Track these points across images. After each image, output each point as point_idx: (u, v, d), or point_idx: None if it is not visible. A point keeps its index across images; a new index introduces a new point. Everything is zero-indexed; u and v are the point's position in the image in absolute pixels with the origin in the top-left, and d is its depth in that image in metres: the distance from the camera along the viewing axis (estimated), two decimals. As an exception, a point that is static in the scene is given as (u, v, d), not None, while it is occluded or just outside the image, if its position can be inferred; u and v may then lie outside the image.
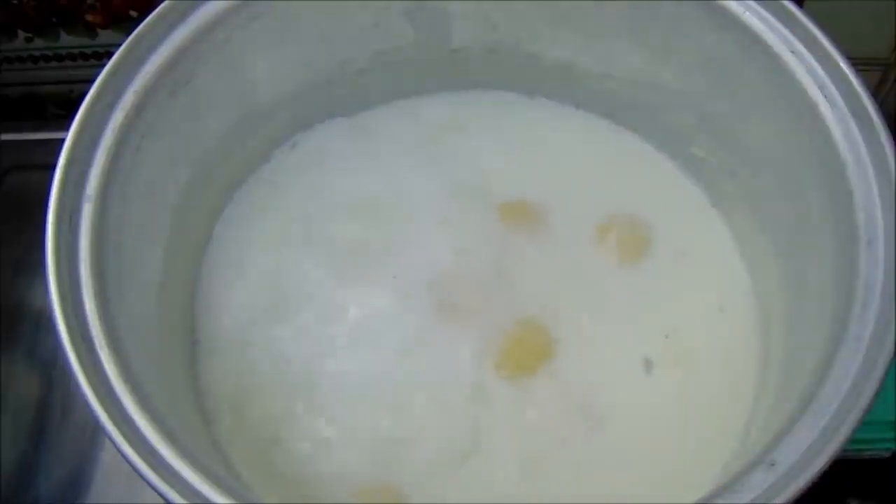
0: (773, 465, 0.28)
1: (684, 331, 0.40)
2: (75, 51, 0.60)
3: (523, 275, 0.41)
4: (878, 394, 0.29)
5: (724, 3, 0.35)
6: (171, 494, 0.28)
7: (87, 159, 0.33)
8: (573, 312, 0.40)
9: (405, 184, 0.43)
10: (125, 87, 0.35)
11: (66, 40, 0.60)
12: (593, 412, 0.38)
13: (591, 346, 0.39)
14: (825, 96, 0.33)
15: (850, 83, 0.33)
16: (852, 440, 0.28)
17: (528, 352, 0.39)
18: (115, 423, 0.29)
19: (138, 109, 0.35)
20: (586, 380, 0.39)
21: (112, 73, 0.34)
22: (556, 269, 0.41)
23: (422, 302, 0.40)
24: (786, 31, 0.34)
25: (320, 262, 0.41)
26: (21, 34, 0.60)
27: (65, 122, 0.33)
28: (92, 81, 0.34)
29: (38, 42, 0.60)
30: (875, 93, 0.52)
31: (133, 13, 0.58)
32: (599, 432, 0.38)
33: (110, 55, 0.35)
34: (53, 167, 0.33)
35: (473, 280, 0.41)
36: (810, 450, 0.28)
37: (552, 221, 0.42)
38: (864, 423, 0.28)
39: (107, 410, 0.29)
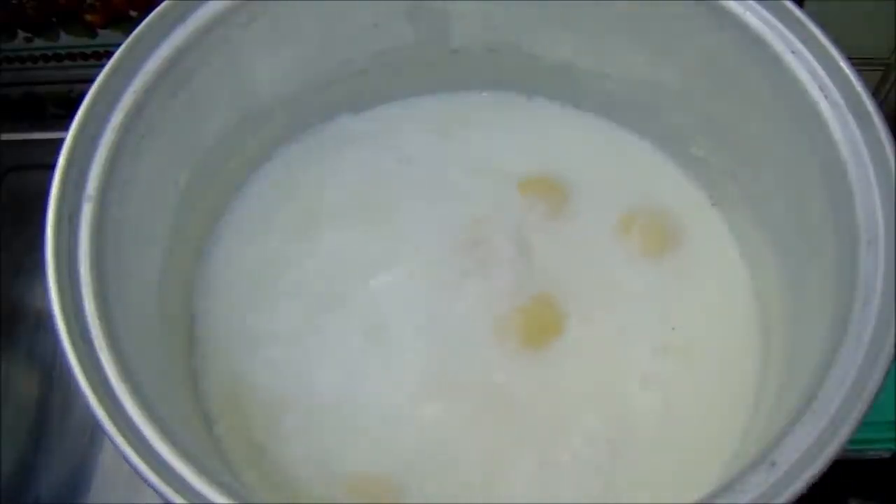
0: (773, 465, 0.28)
1: (684, 329, 0.40)
2: (75, 51, 0.60)
3: (541, 249, 0.41)
4: (878, 394, 0.29)
5: (724, 3, 0.35)
6: (171, 494, 0.28)
7: (87, 159, 0.33)
8: (584, 291, 0.40)
9: (416, 169, 0.43)
10: (125, 87, 0.35)
11: (66, 40, 0.60)
12: (596, 399, 0.38)
13: (597, 329, 0.40)
14: (825, 96, 0.33)
15: (850, 83, 0.33)
16: (853, 440, 0.28)
17: (538, 326, 0.39)
18: (115, 423, 0.29)
19: (138, 109, 0.35)
20: (590, 364, 0.39)
21: (112, 73, 0.34)
22: (572, 249, 0.41)
23: (442, 270, 0.41)
24: (786, 31, 0.34)
25: (325, 259, 0.41)
26: (21, 34, 0.60)
27: (65, 122, 0.33)
28: (92, 81, 0.34)
29: (38, 42, 0.60)
30: (875, 93, 0.52)
31: (133, 13, 0.58)
32: (599, 422, 0.38)
33: (110, 55, 0.35)
34: (53, 167, 0.33)
35: (494, 250, 0.41)
36: (810, 450, 0.28)
37: (567, 207, 0.43)
38: (865, 423, 0.28)
39: (107, 410, 0.29)
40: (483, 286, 0.40)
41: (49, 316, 0.31)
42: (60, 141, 0.33)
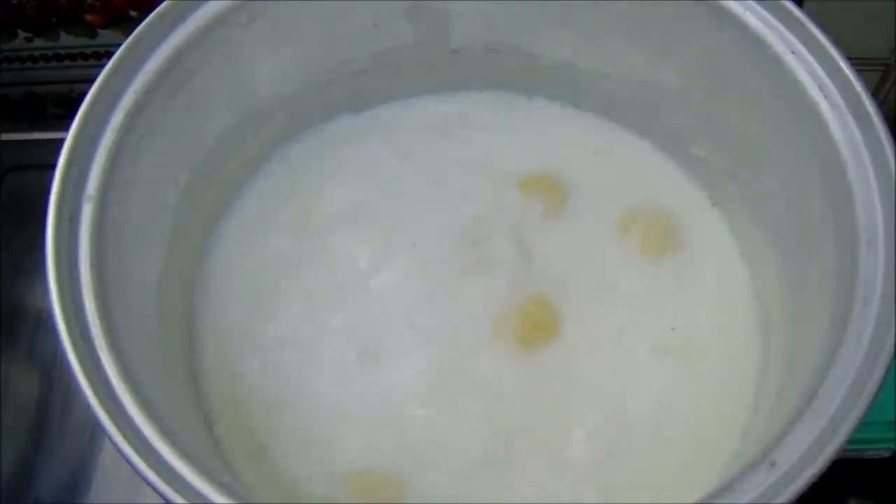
0: (773, 465, 0.28)
1: (684, 329, 0.40)
2: (75, 51, 0.60)
3: (541, 248, 0.41)
4: (878, 394, 0.29)
5: (724, 3, 0.35)
6: (171, 494, 0.28)
7: (87, 159, 0.33)
8: (584, 291, 0.40)
9: (416, 169, 0.43)
10: (125, 87, 0.35)
11: (66, 40, 0.60)
12: (596, 398, 0.38)
13: (596, 329, 0.40)
14: (825, 96, 0.33)
15: (850, 83, 0.33)
16: (853, 440, 0.28)
17: (535, 326, 0.39)
18: (115, 423, 0.29)
19: (138, 109, 0.35)
20: (590, 363, 0.39)
21: (112, 73, 0.34)
22: (572, 248, 0.42)
23: (441, 268, 0.41)
24: (786, 31, 0.34)
25: (325, 259, 0.41)
26: (21, 34, 0.60)
27: (65, 122, 0.33)
28: (92, 81, 0.34)
29: (38, 42, 0.60)
30: (875, 93, 0.52)
31: (133, 13, 0.58)
32: (599, 422, 0.38)
33: (110, 55, 0.35)
34: (53, 167, 0.33)
35: (494, 249, 0.41)
36: (810, 450, 0.28)
37: (567, 207, 0.43)
38: (864, 423, 0.28)
39: (107, 410, 0.29)
40: (482, 286, 0.40)
41: (49, 316, 0.31)
42: (60, 141, 0.33)
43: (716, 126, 0.40)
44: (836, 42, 0.33)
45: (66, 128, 0.33)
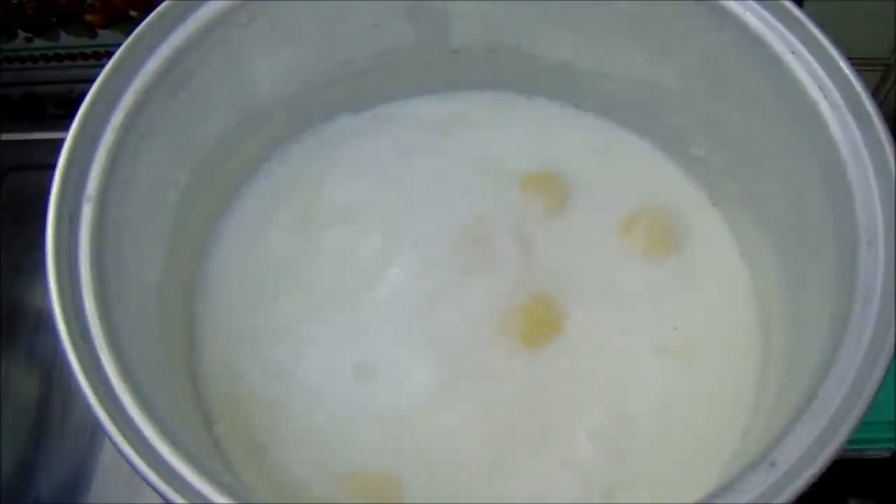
0: (773, 465, 0.28)
1: (685, 329, 0.40)
2: (75, 51, 0.60)
3: (542, 248, 0.41)
4: (878, 394, 0.29)
5: (724, 3, 0.35)
6: (171, 494, 0.28)
7: (87, 159, 0.33)
8: (585, 291, 0.40)
9: (416, 169, 0.43)
10: (125, 87, 0.35)
11: (66, 40, 0.60)
12: (597, 398, 0.38)
13: (598, 328, 0.40)
14: (825, 96, 0.33)
15: (850, 83, 0.33)
16: (852, 440, 0.28)
17: (537, 325, 0.39)
18: (115, 423, 0.29)
19: (138, 109, 0.35)
20: (591, 363, 0.39)
21: (112, 73, 0.34)
22: (573, 248, 0.42)
23: (442, 267, 0.41)
24: (786, 31, 0.34)
25: (326, 259, 0.41)
26: (21, 34, 0.60)
27: (65, 122, 0.33)
28: (92, 81, 0.34)
29: (38, 42, 0.60)
30: (875, 93, 0.52)
31: (133, 13, 0.58)
32: (600, 422, 0.38)
33: (110, 55, 0.35)
34: (53, 167, 0.33)
35: (495, 248, 0.41)
36: (810, 450, 0.28)
37: (568, 207, 0.43)
38: (864, 423, 0.28)
39: (107, 410, 0.29)
40: (484, 285, 0.40)
41: (49, 316, 0.31)
42: (60, 141, 0.33)
43: (716, 126, 0.40)
44: (836, 42, 0.33)
45: (66, 128, 0.33)
